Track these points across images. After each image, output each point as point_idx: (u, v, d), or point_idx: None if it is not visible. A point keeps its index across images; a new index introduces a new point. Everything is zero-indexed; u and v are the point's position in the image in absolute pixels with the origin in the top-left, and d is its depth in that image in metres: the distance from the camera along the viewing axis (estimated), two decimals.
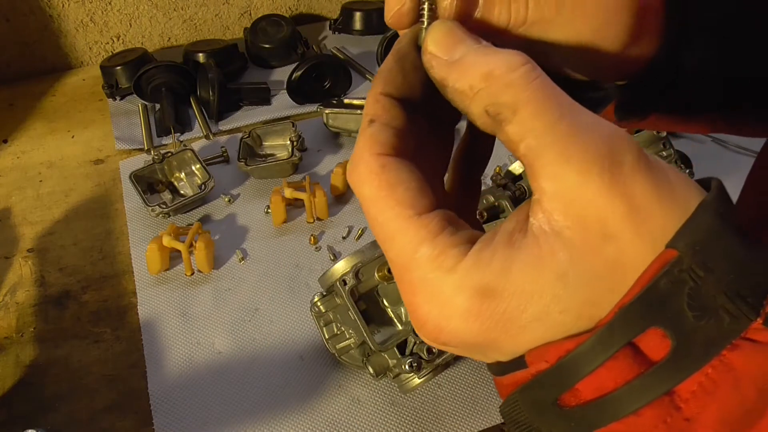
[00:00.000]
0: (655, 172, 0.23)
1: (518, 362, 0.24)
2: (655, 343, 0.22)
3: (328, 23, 1.26)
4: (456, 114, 0.30)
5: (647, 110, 0.35)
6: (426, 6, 0.27)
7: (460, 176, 0.32)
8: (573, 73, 0.33)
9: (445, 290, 0.24)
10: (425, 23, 0.27)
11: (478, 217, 0.66)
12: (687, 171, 0.78)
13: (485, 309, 0.23)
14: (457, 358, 0.69)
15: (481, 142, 0.32)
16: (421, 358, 0.59)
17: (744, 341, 0.21)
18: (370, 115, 0.27)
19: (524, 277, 0.23)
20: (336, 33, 1.24)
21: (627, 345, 0.22)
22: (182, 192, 0.92)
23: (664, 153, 0.77)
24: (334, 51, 1.19)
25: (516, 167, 0.73)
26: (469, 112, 0.25)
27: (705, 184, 0.25)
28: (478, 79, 0.24)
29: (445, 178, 0.32)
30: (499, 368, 0.26)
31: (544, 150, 0.23)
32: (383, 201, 0.25)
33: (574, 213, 0.22)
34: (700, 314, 0.22)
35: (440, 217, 0.25)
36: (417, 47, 0.28)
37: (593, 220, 0.22)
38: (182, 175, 0.93)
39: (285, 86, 1.07)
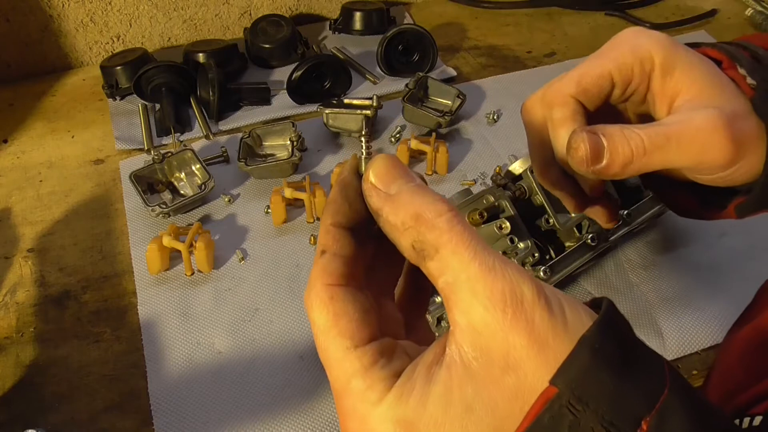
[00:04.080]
0: (551, 307, 0.26)
1: None
2: None
3: (328, 23, 1.25)
4: None
5: (756, 209, 0.44)
6: (364, 139, 0.32)
7: (411, 283, 0.36)
8: (699, 179, 0.43)
9: (371, 421, 0.27)
10: (363, 153, 0.31)
11: (478, 216, 0.66)
12: None
13: None
14: None
15: None
16: None
17: None
18: (322, 245, 0.30)
19: (437, 410, 0.26)
20: (336, 33, 1.24)
21: None
22: (182, 192, 0.92)
23: None
24: (334, 51, 1.19)
25: (516, 167, 0.73)
26: (398, 243, 0.29)
27: (598, 304, 0.28)
28: (409, 218, 0.28)
29: (398, 284, 0.36)
30: None
31: (458, 286, 0.26)
32: (328, 331, 0.28)
33: (480, 345, 0.26)
34: None
35: (375, 350, 0.28)
36: (358, 175, 0.31)
37: (497, 352, 0.25)
38: (182, 175, 0.93)
39: (285, 86, 1.07)
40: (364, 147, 0.32)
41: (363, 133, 0.32)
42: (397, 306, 0.35)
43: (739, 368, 0.51)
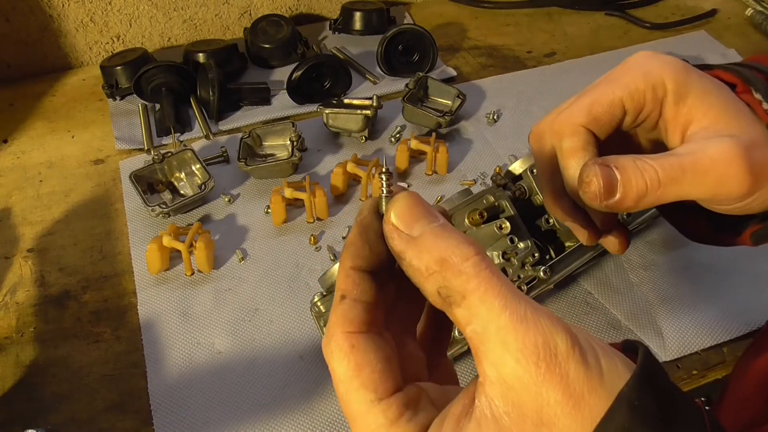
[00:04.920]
0: (586, 359, 0.25)
1: None
2: None
3: (328, 23, 1.26)
4: None
5: None
6: (384, 177, 0.30)
7: (433, 321, 0.35)
8: (714, 208, 0.41)
9: None
10: (384, 192, 0.30)
11: (478, 216, 0.66)
12: None
13: None
14: (457, 358, 0.69)
15: None
16: None
17: None
18: (341, 290, 0.29)
19: None
20: (336, 33, 1.24)
21: None
22: (182, 192, 0.92)
23: None
24: (334, 51, 1.19)
25: (516, 167, 0.73)
26: (423, 288, 0.27)
27: (634, 348, 0.27)
28: (433, 262, 0.26)
29: (420, 321, 0.35)
30: None
31: (488, 337, 0.25)
32: (350, 382, 0.27)
33: (512, 399, 0.25)
34: None
35: (400, 402, 0.27)
36: (378, 215, 0.30)
37: (530, 407, 0.24)
38: (182, 175, 0.93)
39: (285, 86, 1.07)
40: (384, 185, 0.30)
41: (383, 170, 0.30)
42: (419, 344, 0.34)
43: (758, 399, 0.49)
